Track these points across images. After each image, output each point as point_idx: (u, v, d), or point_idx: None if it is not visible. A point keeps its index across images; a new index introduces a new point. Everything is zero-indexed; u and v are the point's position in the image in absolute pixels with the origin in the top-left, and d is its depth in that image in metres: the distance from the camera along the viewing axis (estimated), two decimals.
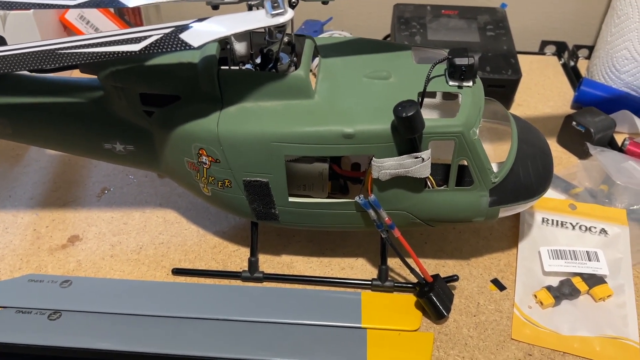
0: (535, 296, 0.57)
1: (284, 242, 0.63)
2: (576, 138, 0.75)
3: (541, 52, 0.98)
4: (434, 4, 0.91)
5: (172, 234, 0.64)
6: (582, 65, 0.95)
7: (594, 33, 0.99)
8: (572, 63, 0.95)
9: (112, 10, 0.88)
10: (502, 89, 0.80)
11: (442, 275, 0.58)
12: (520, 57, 0.85)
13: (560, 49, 0.97)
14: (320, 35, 0.92)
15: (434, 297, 0.54)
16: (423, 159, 0.48)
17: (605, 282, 0.58)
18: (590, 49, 0.94)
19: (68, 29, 0.87)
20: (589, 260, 0.60)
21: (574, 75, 0.92)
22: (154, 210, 0.67)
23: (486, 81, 0.79)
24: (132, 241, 0.63)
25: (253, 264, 0.59)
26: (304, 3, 0.50)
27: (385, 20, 0.94)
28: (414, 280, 0.57)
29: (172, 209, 0.67)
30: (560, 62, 0.96)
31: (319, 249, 0.63)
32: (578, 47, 0.96)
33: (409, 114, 0.44)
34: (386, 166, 0.49)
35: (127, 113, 0.55)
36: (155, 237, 0.64)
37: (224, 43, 0.53)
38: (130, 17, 0.91)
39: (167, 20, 1.00)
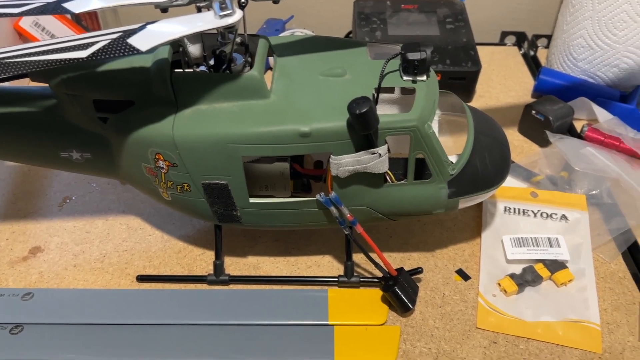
0: (499, 284, 0.58)
1: (250, 243, 0.63)
2: (536, 126, 0.76)
3: (502, 42, 0.99)
4: None
5: (136, 241, 0.64)
6: (542, 54, 0.96)
7: (552, 22, 1.00)
8: (532, 53, 0.96)
9: (68, 16, 0.86)
10: (463, 81, 0.81)
11: (407, 268, 0.58)
12: (481, 48, 0.86)
13: (520, 39, 0.98)
14: (282, 34, 0.91)
15: (398, 291, 0.54)
16: (380, 154, 0.49)
17: (566, 267, 0.59)
18: (549, 38, 0.95)
19: (23, 36, 0.85)
20: (551, 246, 0.61)
21: (534, 65, 0.94)
22: (117, 217, 0.66)
23: (446, 74, 0.80)
24: (95, 250, 0.63)
25: (218, 267, 0.58)
26: (261, 2, 0.50)
27: (347, 17, 0.94)
28: (380, 274, 0.57)
29: (135, 215, 0.67)
30: (521, 52, 0.97)
31: (285, 248, 0.63)
32: (537, 37, 0.97)
33: (362, 111, 0.45)
34: (344, 163, 0.49)
35: (81, 120, 0.54)
36: (119, 244, 0.63)
37: (177, 46, 0.52)
38: (87, 23, 0.89)
39: (126, 24, 0.98)
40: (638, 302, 0.57)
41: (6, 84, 0.58)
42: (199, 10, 0.46)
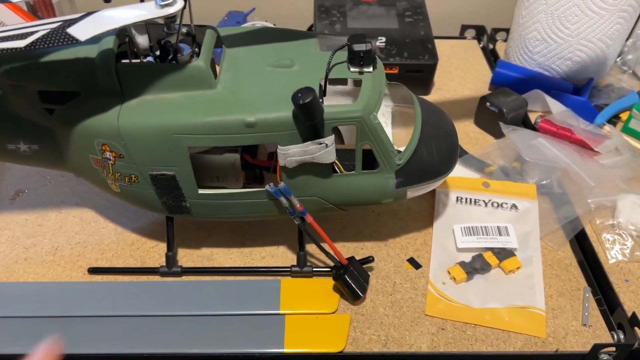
0: (449, 272, 0.59)
1: (204, 234, 0.63)
2: (491, 118, 0.77)
3: (462, 36, 1.00)
4: None
5: (89, 233, 0.63)
6: (500, 48, 0.98)
7: (510, 16, 1.02)
8: (491, 46, 0.98)
9: (23, 7, 0.85)
10: (420, 73, 0.82)
11: (360, 257, 0.59)
12: (441, 41, 0.87)
13: (480, 32, 0.99)
14: (243, 26, 0.91)
15: (348, 279, 0.55)
16: (327, 144, 0.49)
17: (514, 255, 0.61)
18: (508, 31, 0.97)
19: None
20: (500, 235, 0.62)
21: (492, 58, 0.95)
22: (71, 210, 0.66)
23: (404, 67, 0.81)
24: (47, 243, 0.62)
25: (170, 258, 0.58)
26: None
27: (309, 10, 0.94)
28: (332, 264, 0.58)
29: (89, 208, 0.66)
30: (480, 45, 0.99)
31: (241, 239, 0.63)
32: (496, 31, 0.99)
33: (306, 101, 0.45)
34: (291, 153, 0.49)
35: (27, 112, 0.53)
36: (72, 237, 0.63)
37: (124, 36, 0.52)
38: (43, 14, 0.88)
39: (82, 11, 0.97)
40: (582, 288, 0.59)
41: None
42: (142, 0, 0.46)
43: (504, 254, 0.61)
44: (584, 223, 0.65)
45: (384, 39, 0.53)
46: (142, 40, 0.53)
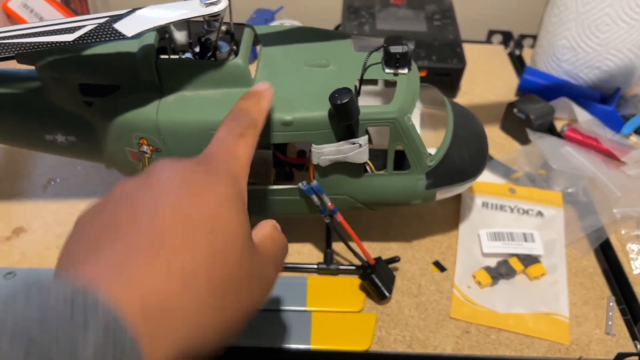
0: (474, 276, 0.60)
1: None
2: (517, 125, 0.78)
3: (488, 41, 1.00)
4: None
5: None
6: (527, 54, 0.98)
7: (538, 23, 1.02)
8: (517, 52, 0.98)
9: None
10: (448, 77, 0.82)
11: (385, 258, 0.59)
12: (467, 46, 0.87)
13: (507, 38, 1.00)
14: (270, 24, 0.92)
15: (375, 279, 0.56)
16: (360, 144, 0.50)
17: (539, 262, 0.61)
18: (535, 38, 0.97)
19: (12, 18, 0.85)
20: (525, 241, 0.62)
21: (519, 64, 0.95)
22: None
23: (432, 70, 0.81)
24: None
25: None
26: None
27: (336, 10, 0.95)
28: (358, 263, 0.59)
29: None
30: (507, 51, 0.99)
31: None
32: (523, 37, 0.99)
33: (344, 101, 0.46)
34: (325, 152, 0.50)
35: (67, 104, 0.54)
36: None
37: (163, 32, 0.53)
38: (76, 6, 0.89)
39: (115, 7, 0.99)
40: (606, 297, 0.59)
41: None
42: None
43: (529, 260, 0.61)
44: (609, 232, 0.65)
45: (414, 42, 0.54)
46: (180, 36, 0.54)
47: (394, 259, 0.59)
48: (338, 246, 0.61)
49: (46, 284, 0.26)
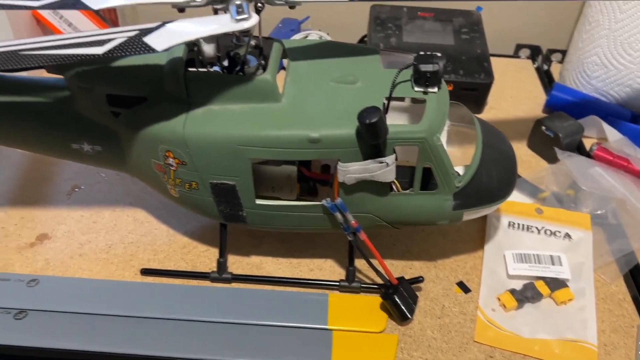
0: (499, 299, 0.58)
1: (254, 242, 0.64)
2: (545, 142, 0.76)
3: (516, 55, 0.99)
4: (410, 6, 0.91)
5: (142, 234, 0.64)
6: (555, 69, 0.96)
7: (567, 38, 1.00)
8: (545, 67, 0.96)
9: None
10: (475, 92, 0.81)
11: (408, 277, 0.58)
12: (494, 59, 0.86)
13: (535, 52, 0.98)
14: (297, 34, 0.92)
15: (397, 299, 0.55)
16: (387, 163, 0.49)
17: (567, 286, 0.59)
18: (564, 53, 0.95)
19: (41, 23, 0.86)
20: (552, 264, 0.61)
21: (547, 79, 0.93)
22: (125, 209, 0.67)
23: (459, 84, 0.80)
24: (102, 240, 0.63)
25: (222, 264, 0.59)
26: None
27: (362, 20, 0.94)
28: (380, 281, 0.58)
29: (142, 208, 0.67)
30: (534, 65, 0.97)
31: (289, 250, 0.63)
32: (552, 52, 0.97)
33: (372, 121, 0.45)
34: (351, 170, 0.49)
35: (94, 114, 0.54)
36: (125, 236, 0.64)
37: (192, 44, 0.53)
38: (104, 12, 0.90)
39: (143, 14, 0.99)
40: (637, 325, 0.57)
41: (22, 74, 0.59)
42: (216, 12, 0.47)
43: (555, 284, 0.59)
44: (639, 257, 0.64)
45: (444, 60, 0.53)
46: (208, 49, 0.53)
47: (417, 279, 0.59)
48: (360, 263, 0.61)
49: None
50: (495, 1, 0.78)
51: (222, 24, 0.44)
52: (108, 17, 0.90)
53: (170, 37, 0.43)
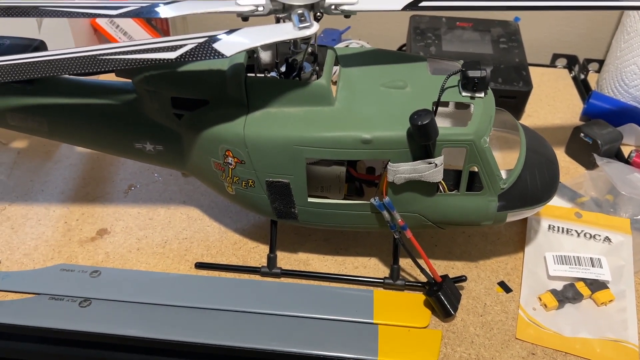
0: (540, 299, 0.60)
1: (300, 240, 0.67)
2: (584, 149, 0.77)
3: (552, 64, 1.00)
4: (449, 16, 0.94)
5: (195, 230, 0.68)
6: (592, 78, 0.97)
7: (604, 48, 1.01)
8: (582, 76, 0.97)
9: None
10: (513, 100, 0.83)
11: (451, 276, 0.60)
12: (531, 69, 0.87)
13: (571, 62, 0.99)
14: (338, 44, 0.95)
15: (442, 296, 0.57)
16: (436, 164, 0.51)
17: (607, 288, 0.61)
18: (601, 63, 0.96)
19: (98, 32, 0.91)
20: (593, 266, 0.62)
21: (583, 88, 0.95)
22: (178, 207, 0.71)
23: (498, 92, 0.81)
24: (158, 236, 0.67)
25: (272, 260, 0.62)
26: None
27: (401, 30, 0.97)
28: (424, 280, 0.60)
29: (195, 207, 0.71)
30: (571, 75, 0.98)
31: (334, 248, 0.66)
32: (589, 61, 0.98)
33: (424, 122, 0.47)
34: (401, 170, 0.52)
35: (158, 115, 0.58)
36: (179, 232, 0.68)
37: (251, 51, 0.56)
38: (157, 23, 0.95)
39: (192, 25, 1.04)
40: None
41: (91, 77, 0.63)
42: (278, 21, 0.50)
43: (596, 285, 0.61)
44: None
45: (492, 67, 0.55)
46: (265, 56, 0.57)
47: (461, 278, 0.61)
48: (403, 261, 0.63)
49: None
50: (533, 11, 0.80)
51: (286, 31, 0.47)
52: (160, 27, 0.95)
53: (237, 44, 0.46)
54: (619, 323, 0.58)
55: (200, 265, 0.63)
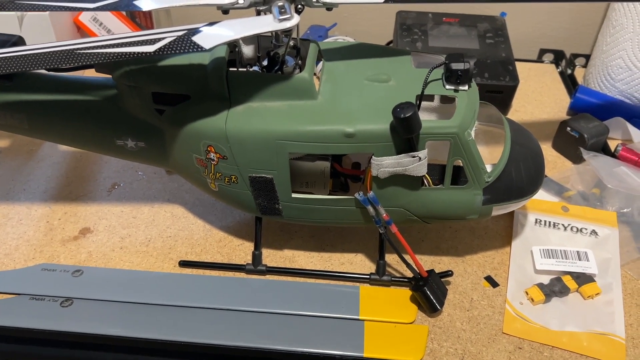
0: (527, 293, 0.60)
1: (286, 237, 0.66)
2: (570, 143, 0.77)
3: (539, 59, 1.00)
4: (436, 12, 0.93)
5: (180, 228, 0.67)
6: (579, 73, 0.97)
7: (590, 42, 1.02)
8: (569, 71, 0.97)
9: (124, 13, 0.91)
10: (500, 94, 0.83)
11: (438, 271, 0.60)
12: (518, 64, 0.87)
13: (558, 57, 0.99)
14: (325, 40, 0.94)
15: (428, 291, 0.56)
16: (420, 158, 0.51)
17: (594, 281, 0.60)
18: (587, 57, 0.96)
19: (82, 30, 0.90)
20: (579, 259, 0.62)
21: (570, 83, 0.95)
22: (162, 205, 0.70)
23: (484, 87, 0.82)
24: (141, 234, 0.66)
25: (257, 257, 0.61)
26: (309, 9, 0.53)
27: (387, 27, 0.97)
28: (410, 275, 0.60)
29: (179, 204, 0.70)
30: (558, 69, 0.98)
31: (320, 244, 0.65)
32: (575, 56, 0.98)
33: (407, 115, 0.47)
34: (385, 164, 0.52)
35: (139, 111, 0.57)
36: (163, 230, 0.67)
37: (233, 45, 0.55)
38: (141, 20, 0.94)
39: (177, 22, 1.03)
40: None
41: (71, 73, 0.62)
42: (259, 13, 0.50)
43: (582, 278, 0.61)
44: None
45: (475, 59, 0.55)
46: (247, 50, 0.56)
47: (447, 273, 0.60)
48: (388, 258, 0.62)
49: None
50: (518, 3, 0.80)
51: (267, 23, 0.46)
52: (144, 24, 0.94)
53: (217, 37, 0.46)
54: (605, 316, 0.58)
55: (184, 264, 0.63)
